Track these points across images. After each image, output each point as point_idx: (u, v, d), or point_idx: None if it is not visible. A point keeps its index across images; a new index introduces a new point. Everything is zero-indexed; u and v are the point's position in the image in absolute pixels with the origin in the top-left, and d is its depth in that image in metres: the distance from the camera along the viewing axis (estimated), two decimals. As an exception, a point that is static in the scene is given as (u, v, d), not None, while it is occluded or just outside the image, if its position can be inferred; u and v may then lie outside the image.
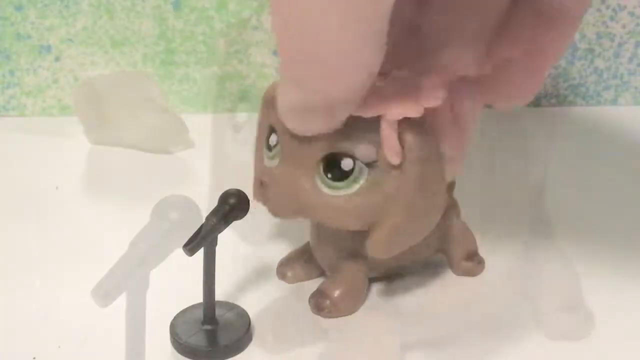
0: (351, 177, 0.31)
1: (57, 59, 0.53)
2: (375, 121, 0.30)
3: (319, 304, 0.35)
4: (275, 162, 0.32)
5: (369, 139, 0.30)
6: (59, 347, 0.33)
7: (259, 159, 0.34)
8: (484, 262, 0.38)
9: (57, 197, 0.45)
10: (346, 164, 0.31)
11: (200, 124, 0.52)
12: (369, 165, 0.31)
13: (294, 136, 0.31)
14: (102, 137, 0.50)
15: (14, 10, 0.51)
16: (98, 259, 0.30)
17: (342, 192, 0.31)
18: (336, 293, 0.35)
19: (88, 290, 0.27)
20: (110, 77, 0.51)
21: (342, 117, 0.29)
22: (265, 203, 0.32)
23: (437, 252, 0.37)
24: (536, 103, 0.56)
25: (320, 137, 0.30)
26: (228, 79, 0.54)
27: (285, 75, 0.28)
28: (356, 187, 0.31)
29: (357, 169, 0.31)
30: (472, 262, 0.37)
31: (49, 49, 0.52)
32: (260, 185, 0.32)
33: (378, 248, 0.32)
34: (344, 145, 0.30)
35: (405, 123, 0.30)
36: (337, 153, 0.31)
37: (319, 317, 0.35)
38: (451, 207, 0.36)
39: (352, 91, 0.28)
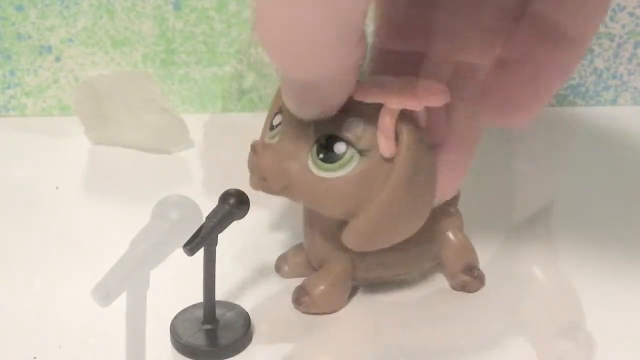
0: (341, 161, 0.31)
1: (57, 59, 0.53)
2: (376, 111, 0.30)
3: (298, 298, 0.35)
4: (275, 140, 0.32)
5: (366, 127, 0.31)
6: (59, 347, 0.33)
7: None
8: (483, 278, 0.37)
9: (57, 197, 0.45)
10: (339, 147, 0.31)
11: (200, 124, 0.52)
12: (362, 153, 0.31)
13: (296, 118, 0.31)
14: (102, 137, 0.50)
15: (14, 10, 0.51)
16: (98, 259, 0.30)
17: (329, 175, 0.31)
18: (317, 290, 0.35)
19: (88, 290, 0.27)
20: (111, 77, 0.51)
21: (332, 103, 0.30)
22: (254, 171, 0.32)
23: (433, 264, 0.37)
24: (536, 103, 0.56)
25: (321, 120, 0.31)
26: (228, 79, 0.54)
27: (271, 57, 0.28)
28: (344, 172, 0.31)
29: (348, 154, 0.31)
30: (470, 276, 0.37)
31: (49, 49, 0.52)
32: (254, 152, 0.32)
33: (351, 238, 0.32)
34: (340, 129, 0.31)
35: (403, 120, 0.30)
36: (332, 135, 0.31)
37: (319, 316, 0.35)
38: (452, 219, 0.37)
39: (329, 81, 0.28)
